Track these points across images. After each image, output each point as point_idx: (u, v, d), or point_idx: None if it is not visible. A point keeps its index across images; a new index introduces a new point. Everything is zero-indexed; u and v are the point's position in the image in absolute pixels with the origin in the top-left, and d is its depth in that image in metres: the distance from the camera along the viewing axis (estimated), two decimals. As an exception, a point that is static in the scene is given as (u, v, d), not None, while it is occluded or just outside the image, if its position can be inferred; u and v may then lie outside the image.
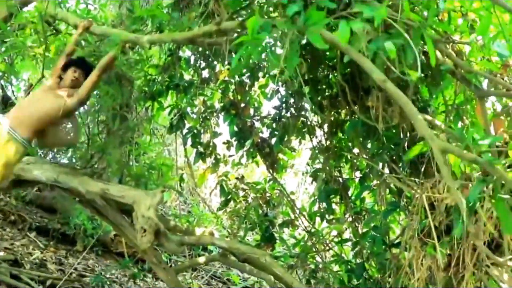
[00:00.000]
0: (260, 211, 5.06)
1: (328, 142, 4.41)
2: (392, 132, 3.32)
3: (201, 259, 5.34)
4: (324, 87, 4.09)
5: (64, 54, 3.81)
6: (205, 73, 5.10)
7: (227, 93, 4.96)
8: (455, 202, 2.58)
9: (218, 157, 5.18)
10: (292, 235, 5.41)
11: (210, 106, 5.21)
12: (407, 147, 3.26)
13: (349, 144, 4.24)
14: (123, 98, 4.86)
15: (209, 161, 5.16)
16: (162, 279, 4.91)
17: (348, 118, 4.09)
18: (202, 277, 6.66)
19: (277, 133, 4.67)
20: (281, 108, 4.71)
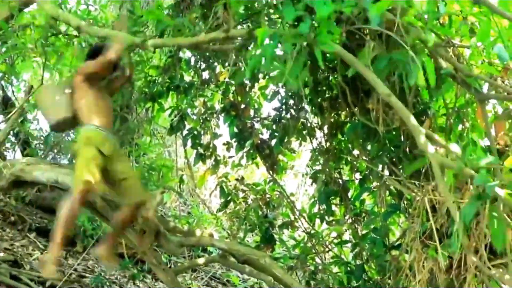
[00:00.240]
0: (260, 212, 5.07)
1: (328, 144, 4.41)
2: (393, 135, 3.33)
3: (200, 260, 5.34)
4: (324, 88, 4.09)
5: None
6: (205, 75, 5.11)
7: (227, 94, 4.96)
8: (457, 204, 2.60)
9: (218, 158, 5.18)
10: (292, 236, 5.42)
11: (210, 107, 5.22)
12: (408, 150, 3.27)
13: (349, 146, 4.24)
14: (123, 99, 4.87)
15: (209, 162, 5.16)
16: (161, 280, 4.91)
17: (348, 120, 4.09)
18: (201, 278, 6.66)
19: (277, 134, 4.68)
20: (281, 110, 4.72)
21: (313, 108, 4.40)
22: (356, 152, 4.23)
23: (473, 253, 2.21)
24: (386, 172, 3.62)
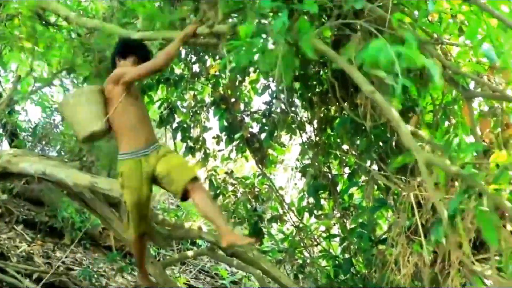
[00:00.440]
0: (249, 206, 5.09)
1: (318, 138, 4.43)
2: (380, 130, 3.35)
3: (189, 253, 5.36)
4: (315, 83, 4.11)
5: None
6: (195, 67, 5.10)
7: (218, 87, 4.96)
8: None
9: (208, 151, 5.19)
10: (280, 230, 5.45)
11: (200, 100, 5.22)
12: (395, 145, 3.29)
13: (338, 140, 4.26)
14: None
15: (198, 155, 5.17)
16: (150, 273, 4.91)
17: (337, 114, 4.11)
18: (190, 271, 6.68)
19: (267, 128, 4.68)
20: (271, 104, 4.73)
21: (303, 102, 4.42)
22: (345, 146, 4.26)
23: (457, 248, 2.23)
24: (375, 167, 3.65)
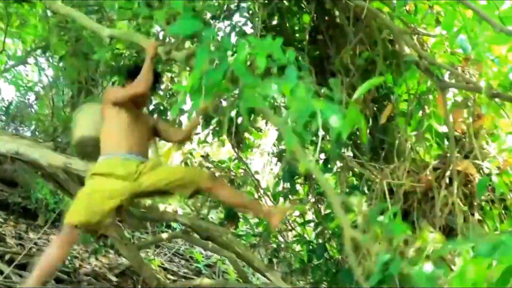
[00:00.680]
0: (225, 190, 5.09)
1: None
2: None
3: (164, 235, 5.36)
4: (294, 70, 4.11)
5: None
6: (173, 50, 5.03)
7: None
8: (414, 188, 2.69)
9: (184, 134, 5.15)
10: (255, 214, 5.48)
11: (178, 83, 5.17)
12: (369, 133, 3.34)
13: (315, 126, 4.28)
14: (88, 71, 4.77)
15: (175, 138, 5.13)
16: (124, 255, 4.91)
17: (315, 101, 4.13)
18: (164, 254, 6.68)
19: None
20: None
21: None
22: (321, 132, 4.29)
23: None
24: (351, 154, 3.69)
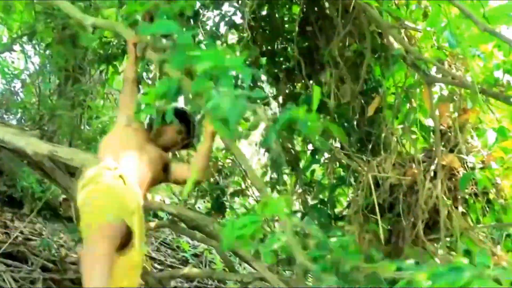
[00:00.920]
0: (212, 179, 5.11)
1: (282, 115, 4.45)
2: (343, 109, 3.41)
3: (150, 224, 5.36)
4: (282, 59, 4.12)
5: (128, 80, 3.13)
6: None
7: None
8: (399, 181, 2.73)
9: (173, 124, 5.14)
10: (242, 204, 5.50)
11: (166, 72, 5.14)
12: (356, 125, 3.37)
13: (303, 117, 4.30)
14: (76, 59, 4.73)
15: (163, 128, 5.12)
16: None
17: (302, 91, 4.15)
18: (151, 243, 6.68)
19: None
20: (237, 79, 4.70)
21: (269, 78, 4.43)
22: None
23: (411, 228, 2.34)
24: (339, 145, 3.72)
